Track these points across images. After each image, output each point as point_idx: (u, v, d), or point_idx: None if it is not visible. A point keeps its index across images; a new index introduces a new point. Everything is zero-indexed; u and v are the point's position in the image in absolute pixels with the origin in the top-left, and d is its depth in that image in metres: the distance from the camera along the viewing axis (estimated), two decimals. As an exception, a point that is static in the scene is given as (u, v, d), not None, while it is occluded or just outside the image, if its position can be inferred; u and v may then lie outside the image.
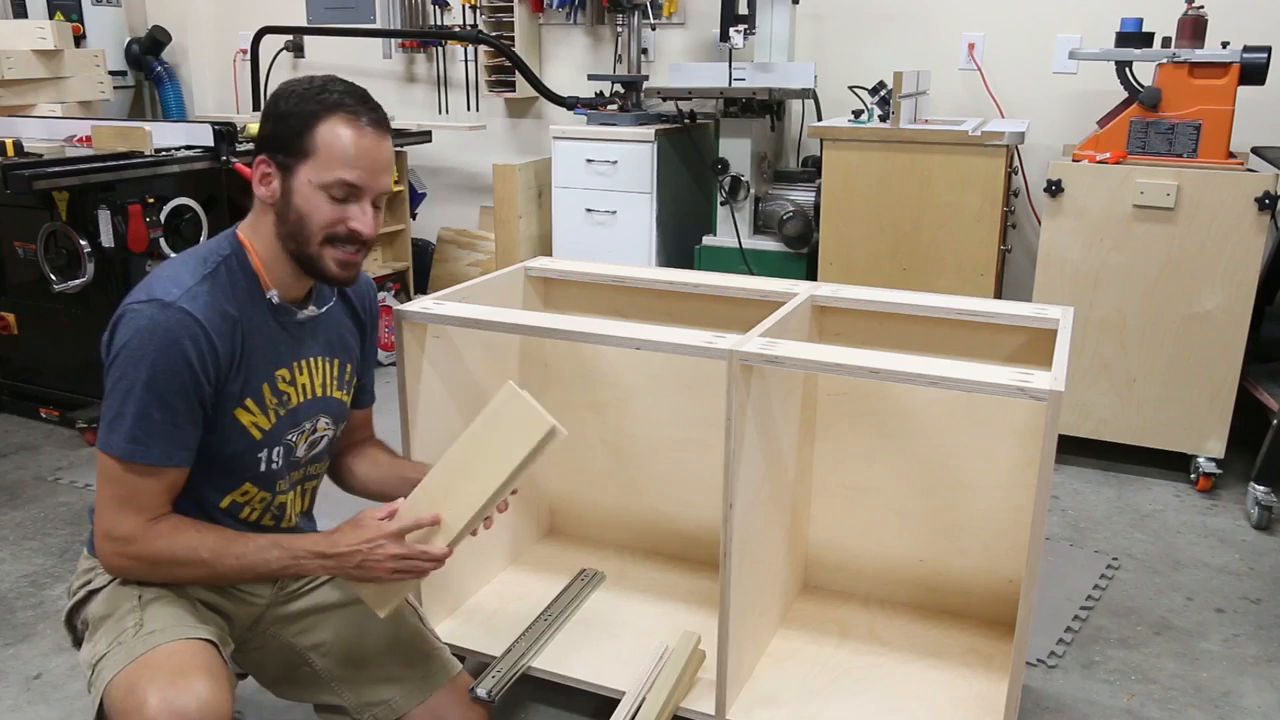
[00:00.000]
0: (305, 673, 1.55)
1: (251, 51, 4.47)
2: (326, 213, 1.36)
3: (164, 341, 1.29)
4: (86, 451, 3.09)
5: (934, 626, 1.97)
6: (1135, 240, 2.72)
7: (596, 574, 2.11)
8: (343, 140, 1.34)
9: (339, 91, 1.37)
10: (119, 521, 1.34)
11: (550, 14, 4.08)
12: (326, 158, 1.34)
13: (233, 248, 1.41)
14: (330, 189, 1.35)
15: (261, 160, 1.38)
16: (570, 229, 3.61)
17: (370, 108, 1.38)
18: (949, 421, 1.90)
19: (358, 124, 1.36)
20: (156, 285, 1.33)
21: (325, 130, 1.34)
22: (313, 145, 1.34)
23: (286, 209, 1.37)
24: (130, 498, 1.33)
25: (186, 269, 1.36)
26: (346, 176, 1.35)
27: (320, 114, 1.34)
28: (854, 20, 3.63)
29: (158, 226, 3.04)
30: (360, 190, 1.37)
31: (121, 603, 1.38)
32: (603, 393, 2.17)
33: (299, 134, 1.34)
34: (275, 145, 1.37)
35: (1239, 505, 2.73)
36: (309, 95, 1.36)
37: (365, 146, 1.36)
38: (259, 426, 1.42)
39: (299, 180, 1.35)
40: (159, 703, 1.22)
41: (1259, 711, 1.91)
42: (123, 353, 1.30)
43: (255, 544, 1.39)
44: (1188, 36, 2.70)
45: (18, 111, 3.69)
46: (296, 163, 1.35)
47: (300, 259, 1.39)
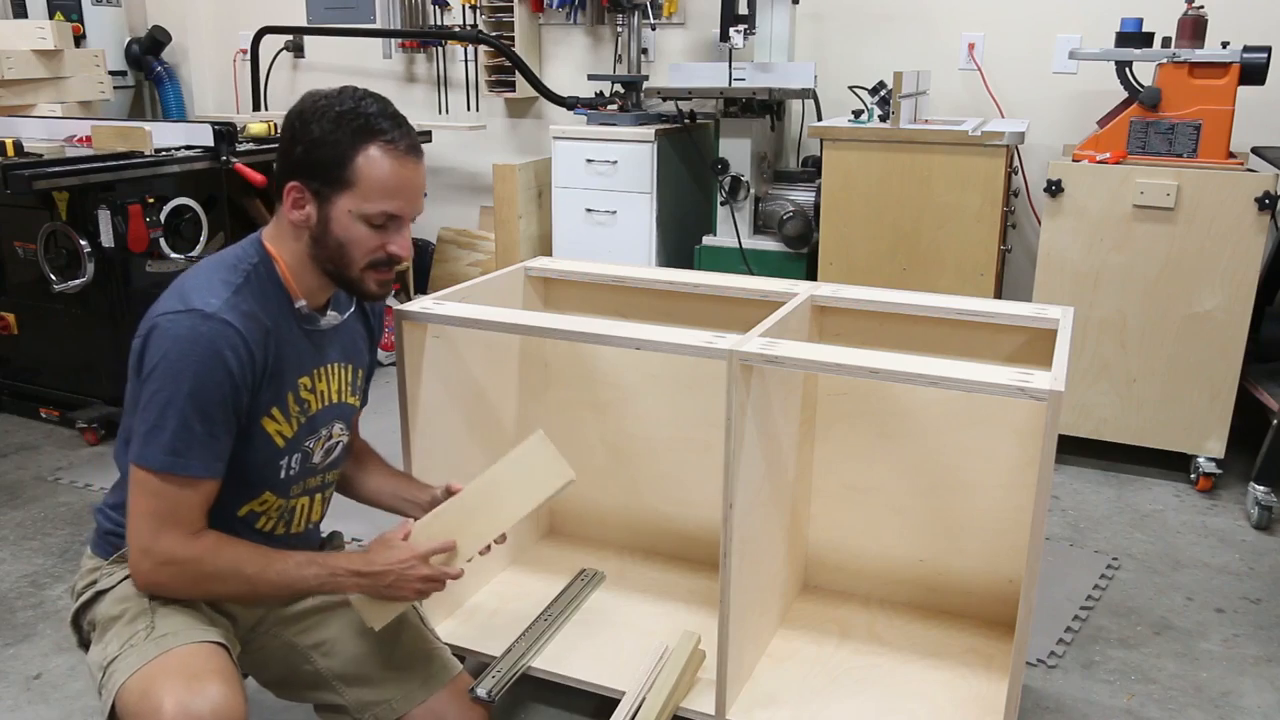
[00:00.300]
0: (306, 672, 1.55)
1: (251, 51, 4.47)
2: (367, 240, 1.37)
3: (206, 352, 1.29)
4: (86, 451, 3.09)
5: (934, 626, 1.97)
6: (1135, 240, 2.72)
7: (596, 574, 2.11)
8: (383, 171, 1.34)
9: (372, 114, 1.36)
10: (159, 537, 1.32)
11: (550, 14, 4.08)
12: (367, 189, 1.34)
13: (260, 256, 1.41)
14: (372, 219, 1.36)
15: (294, 186, 1.37)
16: (570, 229, 3.61)
17: (404, 130, 1.38)
18: (949, 421, 1.90)
19: (396, 151, 1.35)
20: (193, 295, 1.32)
21: (364, 161, 1.34)
22: (353, 176, 1.34)
23: (325, 235, 1.37)
24: (170, 512, 1.32)
25: (218, 277, 1.36)
26: (389, 208, 1.36)
27: (358, 144, 1.34)
28: (854, 20, 3.63)
29: (158, 226, 3.05)
30: (401, 218, 1.38)
31: (132, 604, 1.38)
32: (603, 393, 2.17)
33: (337, 164, 1.34)
34: (309, 172, 1.36)
35: (1239, 505, 2.73)
36: (343, 120, 1.34)
37: (406, 175, 1.36)
38: (282, 435, 1.42)
39: (338, 209, 1.36)
40: (174, 707, 1.22)
41: (1259, 711, 1.91)
42: (162, 364, 1.29)
43: (294, 560, 1.41)
44: (1188, 36, 2.70)
45: (18, 111, 3.69)
46: (335, 192, 1.35)
47: (339, 280, 1.41)
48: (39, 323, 3.26)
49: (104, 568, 1.44)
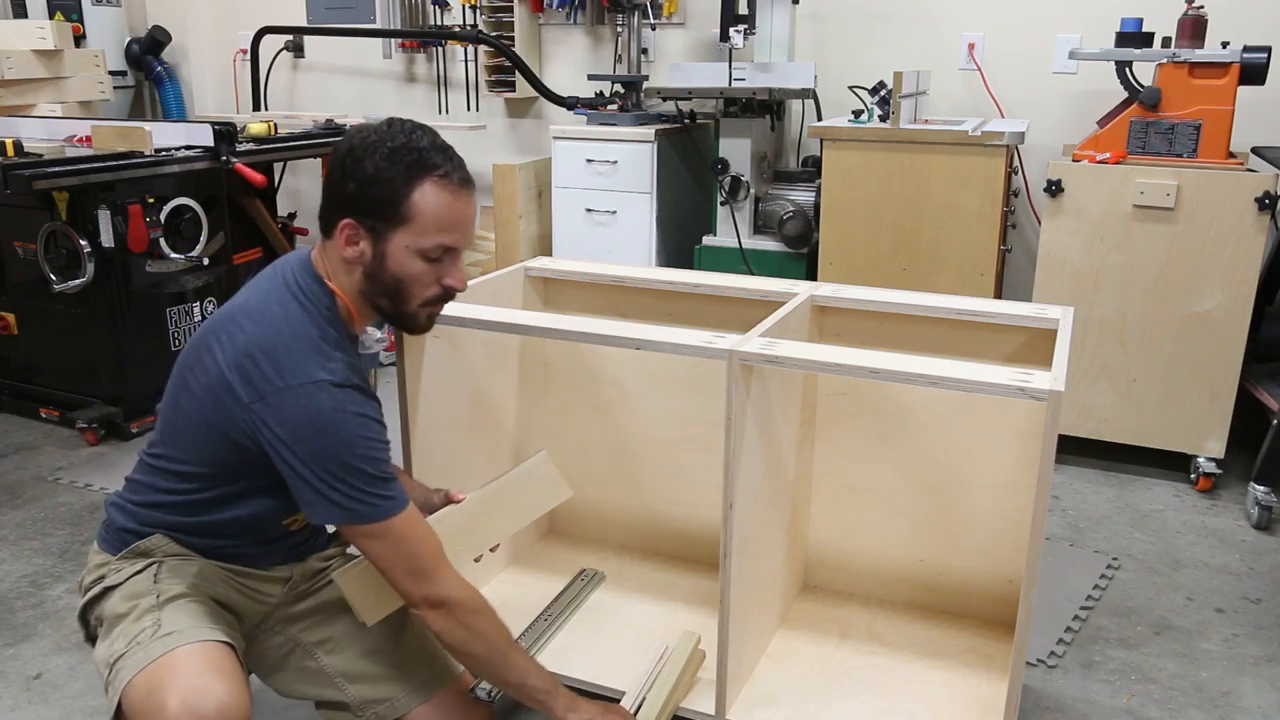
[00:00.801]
0: (310, 668, 1.55)
1: (251, 51, 4.47)
2: (424, 275, 1.40)
3: (355, 418, 1.34)
4: (87, 451, 3.09)
5: (934, 626, 1.97)
6: (1135, 240, 2.72)
7: (596, 574, 2.11)
8: (439, 206, 1.36)
9: (424, 148, 1.37)
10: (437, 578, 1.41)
11: (550, 14, 4.08)
12: (423, 224, 1.36)
13: (329, 298, 1.43)
14: (428, 254, 1.38)
15: (348, 224, 1.38)
16: (570, 229, 3.61)
17: (456, 164, 1.40)
18: (949, 421, 1.90)
19: (450, 185, 1.38)
20: (308, 363, 1.33)
21: (420, 197, 1.36)
22: (409, 212, 1.36)
23: (380, 271, 1.39)
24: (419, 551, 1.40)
25: (314, 332, 1.37)
26: (445, 241, 1.38)
27: (413, 179, 1.36)
28: (854, 20, 3.63)
29: (158, 226, 3.05)
30: (456, 251, 1.41)
31: (139, 601, 1.38)
32: (603, 393, 2.17)
33: (392, 201, 1.36)
34: (363, 209, 1.37)
35: (1239, 505, 2.73)
36: (396, 156, 1.35)
37: (460, 209, 1.39)
38: None
39: (394, 245, 1.37)
40: (179, 705, 1.23)
41: (1259, 711, 1.91)
42: (318, 438, 1.31)
43: (533, 661, 1.57)
44: (1188, 36, 2.70)
45: (18, 111, 3.69)
46: (390, 229, 1.37)
47: (392, 314, 1.44)
48: (39, 323, 3.26)
49: (112, 563, 1.45)
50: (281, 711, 1.82)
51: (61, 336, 3.21)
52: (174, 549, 1.44)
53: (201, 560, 1.46)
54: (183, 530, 1.45)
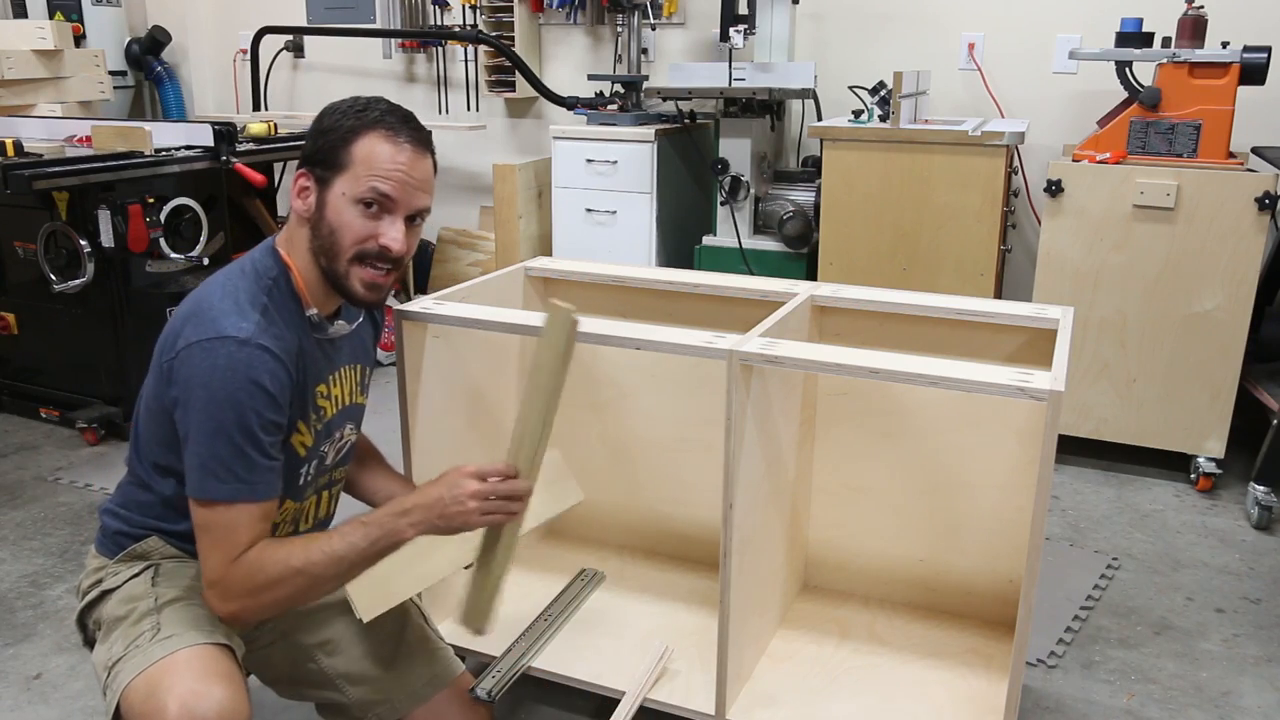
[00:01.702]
0: (311, 671, 1.55)
1: (251, 51, 4.47)
2: (358, 227, 1.35)
3: (247, 380, 1.27)
4: (86, 451, 3.09)
5: (934, 626, 1.97)
6: (1135, 240, 2.72)
7: (596, 574, 2.11)
8: (378, 152, 1.35)
9: (381, 110, 1.38)
10: (216, 565, 1.30)
11: (550, 14, 4.08)
12: (362, 170, 1.34)
13: (278, 267, 1.40)
14: (363, 199, 1.35)
15: (301, 174, 1.38)
16: (570, 229, 3.61)
17: (412, 127, 1.39)
18: (949, 421, 1.90)
19: (395, 139, 1.36)
20: (222, 319, 1.29)
21: (362, 144, 1.35)
22: (349, 158, 1.35)
23: (320, 222, 1.37)
24: (230, 540, 1.30)
25: (244, 295, 1.34)
26: (380, 186, 1.34)
27: (359, 129, 1.35)
28: (854, 20, 3.63)
29: (158, 226, 3.05)
30: (393, 203, 1.36)
31: (138, 605, 1.38)
32: (603, 393, 2.17)
33: (337, 148, 1.35)
34: (314, 160, 1.37)
35: (1239, 505, 2.73)
36: (350, 112, 1.37)
37: (401, 160, 1.36)
38: (304, 444, 1.43)
39: (333, 193, 1.36)
40: (178, 709, 1.22)
41: (1259, 711, 1.91)
42: (202, 394, 1.27)
43: (337, 533, 1.34)
44: (1188, 36, 2.70)
45: (18, 111, 3.70)
46: (333, 176, 1.35)
47: (329, 276, 1.39)
48: (39, 323, 3.26)
49: (109, 567, 1.44)
50: (281, 712, 1.82)
51: (61, 336, 3.21)
52: (170, 551, 1.44)
53: (197, 563, 1.45)
54: (174, 536, 1.44)
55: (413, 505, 1.35)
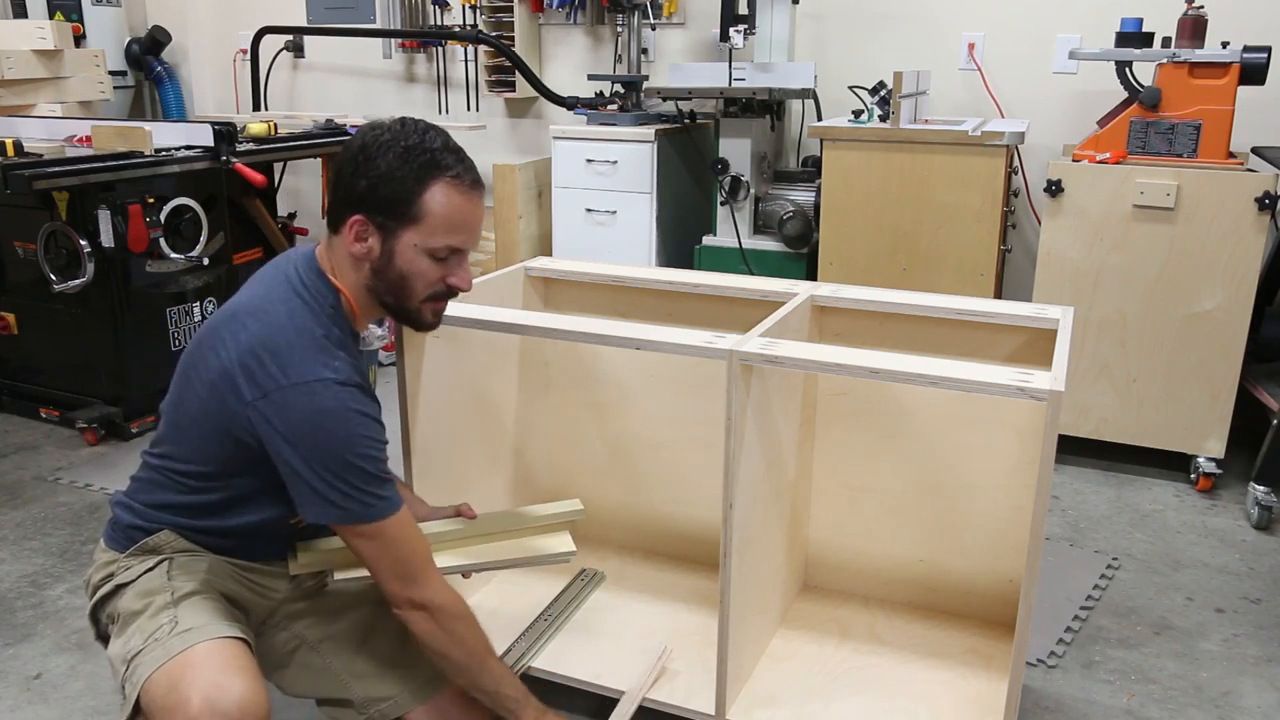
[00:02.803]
0: (314, 665, 1.56)
1: (251, 51, 4.47)
2: (429, 273, 1.41)
3: (359, 416, 1.34)
4: (86, 451, 3.09)
5: (934, 626, 1.97)
6: (1135, 240, 2.72)
7: (596, 574, 2.11)
8: (449, 208, 1.38)
9: (437, 149, 1.39)
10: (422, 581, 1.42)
11: (550, 14, 4.08)
12: (433, 224, 1.38)
13: (333, 296, 1.44)
14: (436, 253, 1.40)
15: (358, 220, 1.39)
16: (570, 229, 3.61)
17: (468, 165, 1.43)
18: (949, 421, 1.90)
19: (461, 186, 1.40)
20: (311, 361, 1.33)
21: (430, 198, 1.38)
22: (419, 212, 1.37)
23: (387, 268, 1.40)
24: (408, 553, 1.40)
25: (317, 330, 1.38)
26: (453, 242, 1.40)
27: (425, 179, 1.37)
28: (854, 20, 3.63)
29: (158, 226, 3.05)
30: (463, 252, 1.42)
31: (155, 599, 1.39)
32: (603, 393, 2.17)
33: (404, 200, 1.37)
34: (374, 206, 1.38)
35: (1239, 505, 2.73)
36: (409, 156, 1.37)
37: (470, 210, 1.41)
38: None
39: (402, 243, 1.39)
40: (201, 702, 1.24)
41: (1259, 711, 1.91)
42: (320, 435, 1.32)
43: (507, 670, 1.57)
44: (1188, 36, 2.70)
45: (18, 111, 3.70)
46: (400, 226, 1.38)
47: (396, 310, 1.45)
48: (39, 323, 3.26)
49: (120, 560, 1.45)
50: (282, 711, 1.82)
51: (61, 336, 3.21)
52: (182, 544, 1.45)
53: (210, 556, 1.46)
54: (192, 531, 1.46)
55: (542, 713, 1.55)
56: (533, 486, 2.24)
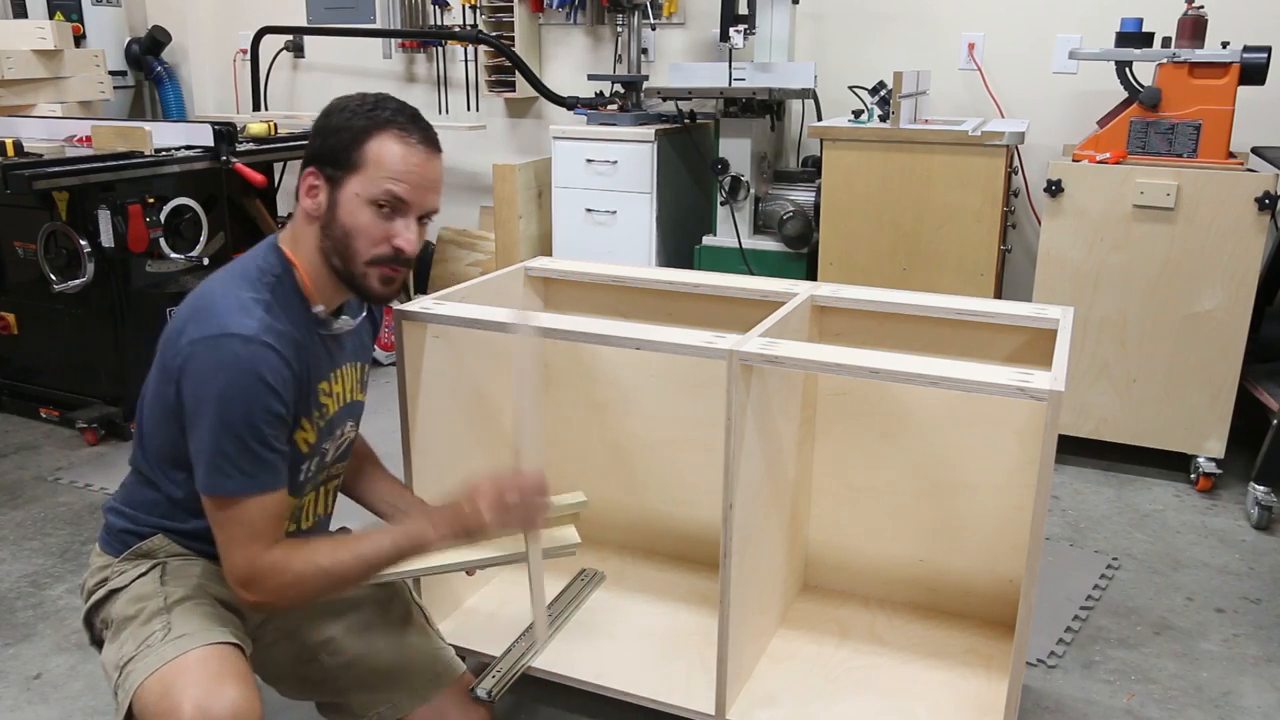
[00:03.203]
0: (313, 669, 1.55)
1: (251, 51, 4.47)
2: (372, 228, 1.37)
3: (252, 377, 1.29)
4: (86, 451, 3.09)
5: (934, 626, 1.97)
6: (1135, 240, 2.72)
7: (596, 574, 2.11)
8: (392, 154, 1.36)
9: (391, 109, 1.38)
10: (238, 560, 1.33)
11: (550, 14, 4.08)
12: (374, 171, 1.35)
13: (282, 265, 1.41)
14: (377, 201, 1.36)
15: (310, 173, 1.38)
16: (570, 229, 3.61)
17: (421, 127, 1.40)
18: (949, 421, 1.90)
19: (408, 140, 1.37)
20: (227, 317, 1.31)
21: (375, 144, 1.36)
22: (362, 159, 1.35)
23: (332, 222, 1.38)
24: (250, 534, 1.33)
25: (247, 293, 1.35)
26: (394, 189, 1.36)
27: (372, 129, 1.36)
28: (854, 20, 3.63)
29: (158, 226, 3.05)
30: (406, 205, 1.38)
31: (147, 604, 1.38)
32: (603, 393, 2.17)
33: (349, 147, 1.36)
34: (324, 159, 1.37)
35: (1239, 505, 2.73)
36: (361, 111, 1.37)
37: (414, 162, 1.37)
38: (307, 441, 1.43)
39: (346, 193, 1.36)
40: (193, 709, 1.23)
41: (1259, 711, 1.91)
42: (208, 392, 1.29)
43: (365, 537, 1.41)
44: (1188, 36, 2.70)
45: (18, 111, 3.70)
46: (345, 175, 1.36)
47: (344, 275, 1.40)
48: (39, 323, 3.26)
49: (114, 566, 1.45)
50: (281, 711, 1.82)
51: (61, 336, 3.21)
52: (175, 549, 1.44)
53: (203, 561, 1.46)
54: (181, 535, 1.44)
55: (438, 515, 1.43)
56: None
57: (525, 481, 1.47)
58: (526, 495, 1.46)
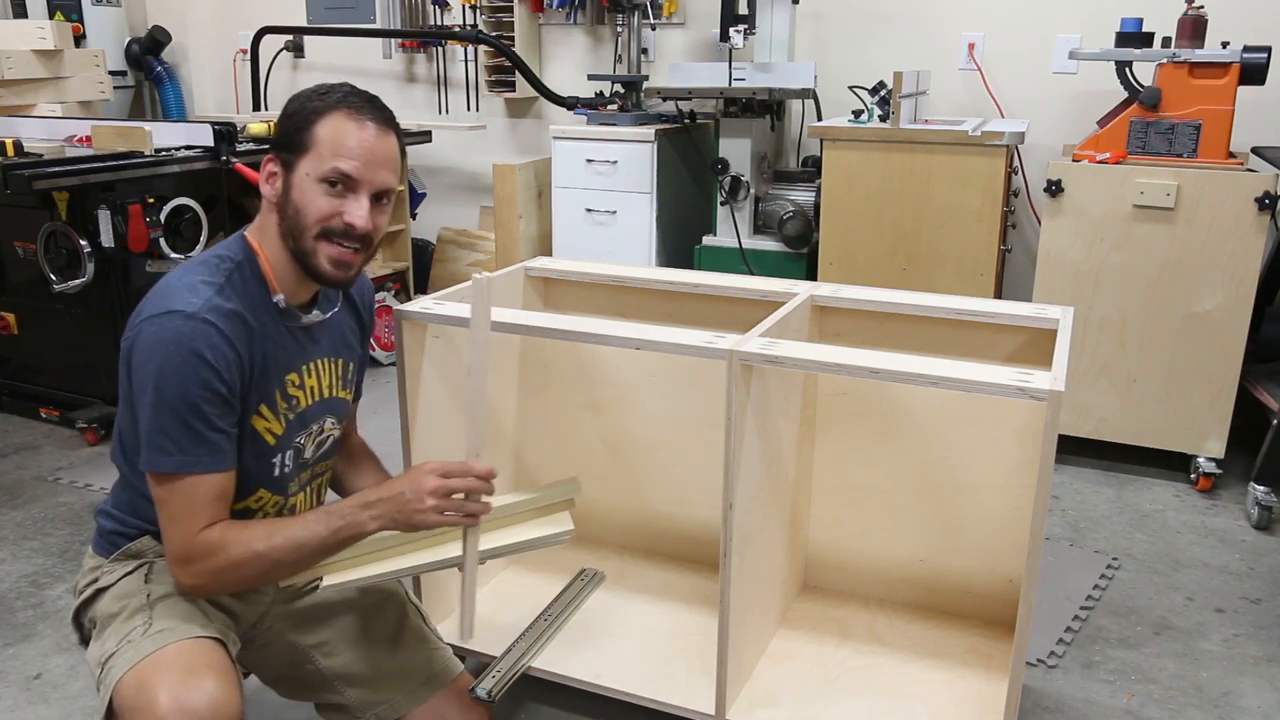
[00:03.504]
0: (309, 672, 1.55)
1: (251, 51, 4.47)
2: (322, 205, 1.36)
3: (190, 353, 1.28)
4: (86, 451, 3.09)
5: (934, 626, 1.97)
6: (1135, 240, 2.72)
7: (596, 574, 2.11)
8: (340, 132, 1.35)
9: (344, 92, 1.39)
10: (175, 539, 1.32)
11: (550, 14, 4.08)
12: (322, 150, 1.35)
13: (244, 253, 1.40)
14: (327, 179, 1.35)
15: (268, 160, 1.39)
16: (570, 229, 3.61)
17: (376, 107, 1.40)
18: (949, 421, 1.90)
19: (358, 118, 1.37)
20: (174, 296, 1.31)
21: (325, 124, 1.36)
22: (313, 139, 1.35)
23: (286, 204, 1.37)
24: (187, 513, 1.32)
25: (200, 277, 1.35)
26: (342, 166, 1.35)
27: (323, 110, 1.36)
28: (854, 20, 3.63)
29: (158, 226, 3.05)
30: (356, 182, 1.36)
31: (130, 601, 1.38)
32: (603, 393, 2.17)
33: (301, 130, 1.36)
34: (280, 144, 1.38)
35: (1239, 505, 2.73)
36: (315, 95, 1.38)
37: (364, 139, 1.36)
38: (272, 432, 1.42)
39: (299, 174, 1.36)
40: (169, 701, 1.22)
41: (1259, 711, 1.91)
42: (149, 368, 1.29)
43: (300, 521, 1.38)
44: (1188, 36, 2.70)
45: (18, 111, 3.69)
46: (297, 157, 1.36)
47: (297, 256, 1.39)
48: (39, 323, 3.26)
49: (105, 566, 1.45)
50: (281, 712, 1.82)
51: (61, 336, 3.21)
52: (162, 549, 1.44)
53: None
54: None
55: (377, 499, 1.38)
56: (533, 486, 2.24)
57: (471, 472, 1.42)
58: (472, 488, 1.41)
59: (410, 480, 1.39)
